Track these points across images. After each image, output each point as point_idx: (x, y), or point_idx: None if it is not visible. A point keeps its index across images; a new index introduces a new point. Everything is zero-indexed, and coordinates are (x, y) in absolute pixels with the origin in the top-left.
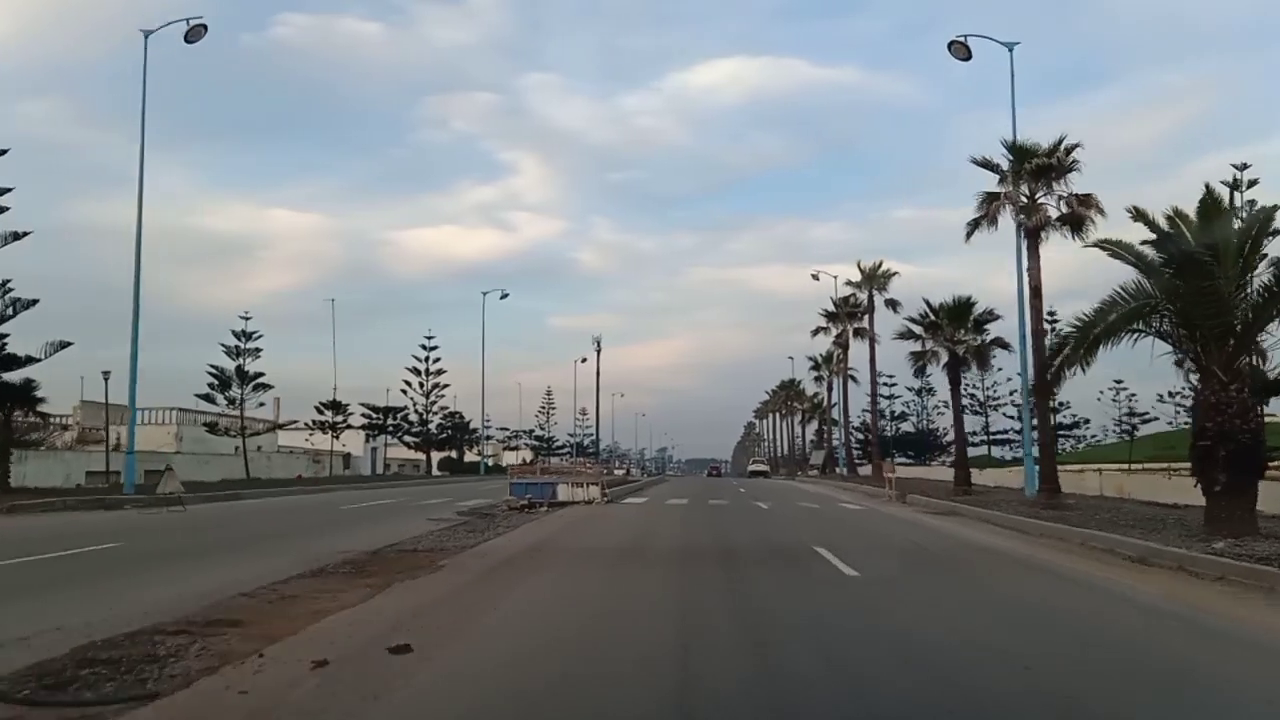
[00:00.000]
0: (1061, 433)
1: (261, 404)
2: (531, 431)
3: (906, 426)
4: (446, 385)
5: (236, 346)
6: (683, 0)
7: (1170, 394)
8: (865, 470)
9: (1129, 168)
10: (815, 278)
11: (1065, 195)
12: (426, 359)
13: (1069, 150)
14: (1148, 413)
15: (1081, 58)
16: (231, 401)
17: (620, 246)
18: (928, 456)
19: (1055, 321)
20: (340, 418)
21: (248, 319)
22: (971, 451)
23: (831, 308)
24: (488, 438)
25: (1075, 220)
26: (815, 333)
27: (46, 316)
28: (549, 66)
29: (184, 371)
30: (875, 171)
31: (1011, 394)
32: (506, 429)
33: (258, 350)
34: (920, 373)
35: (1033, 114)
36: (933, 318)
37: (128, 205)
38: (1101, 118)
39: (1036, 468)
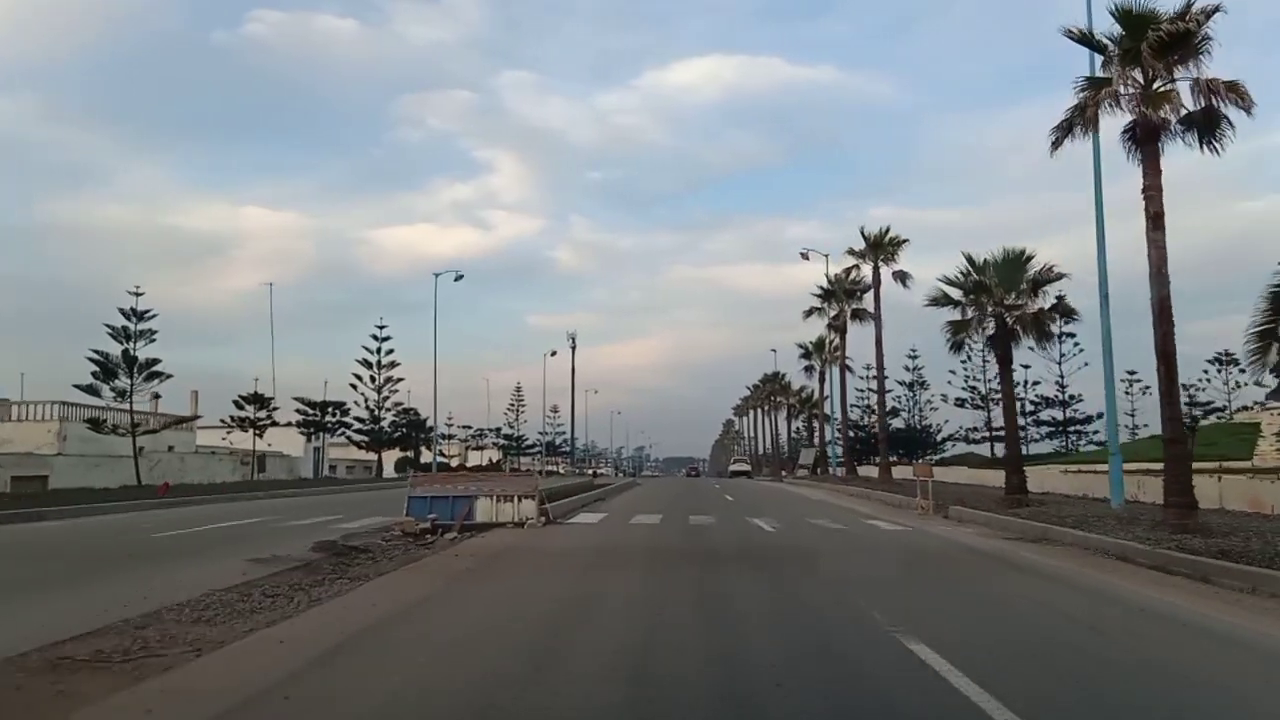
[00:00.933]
0: (1073, 428)
1: (157, 396)
2: (499, 430)
3: (896, 422)
4: (400, 379)
5: (125, 328)
6: None
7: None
8: (869, 471)
9: None
10: (804, 256)
11: (1198, 79)
12: (378, 350)
13: (1205, 15)
14: (1212, 402)
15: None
16: (121, 394)
17: (598, 245)
18: (921, 454)
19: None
20: (264, 413)
21: (139, 294)
22: (977, 450)
23: (823, 287)
24: (447, 436)
25: (1208, 121)
26: (808, 314)
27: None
28: (526, 65)
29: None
30: (852, 170)
31: (1026, 384)
32: (470, 427)
33: (151, 333)
34: (958, 348)
35: (1000, 114)
36: (977, 277)
37: (98, 203)
38: None
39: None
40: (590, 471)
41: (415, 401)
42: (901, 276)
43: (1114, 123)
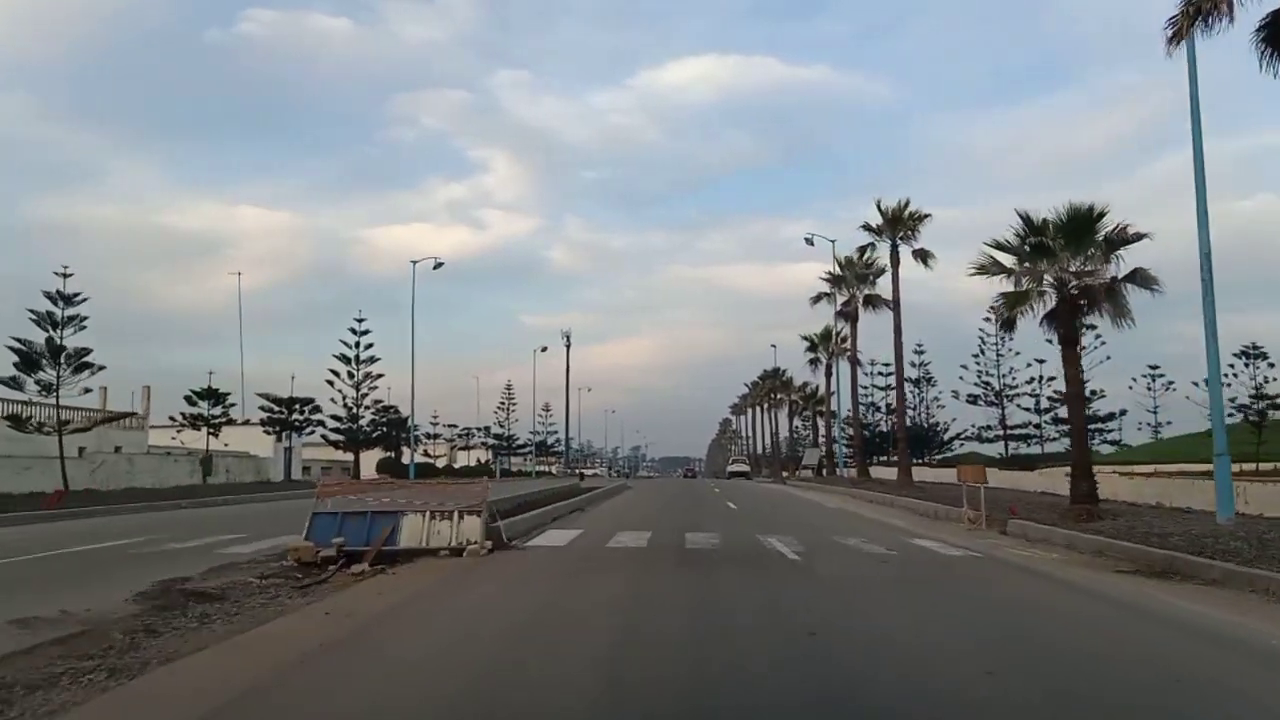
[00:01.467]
0: (1092, 426)
1: (88, 390)
2: (487, 429)
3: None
4: (380, 375)
5: (50, 314)
6: None
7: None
8: (880, 473)
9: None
10: (809, 242)
11: None
12: (357, 344)
13: None
14: None
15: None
16: (46, 388)
17: (593, 245)
18: (927, 454)
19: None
20: (219, 409)
21: (67, 275)
22: (983, 449)
23: (832, 271)
24: (433, 436)
25: None
26: (816, 299)
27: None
28: (521, 64)
29: (141, 374)
30: (846, 170)
31: (1040, 379)
32: (456, 426)
33: (81, 319)
34: (1009, 325)
35: (997, 114)
36: (1036, 238)
37: (89, 202)
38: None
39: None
40: (577, 473)
41: (404, 401)
42: (923, 255)
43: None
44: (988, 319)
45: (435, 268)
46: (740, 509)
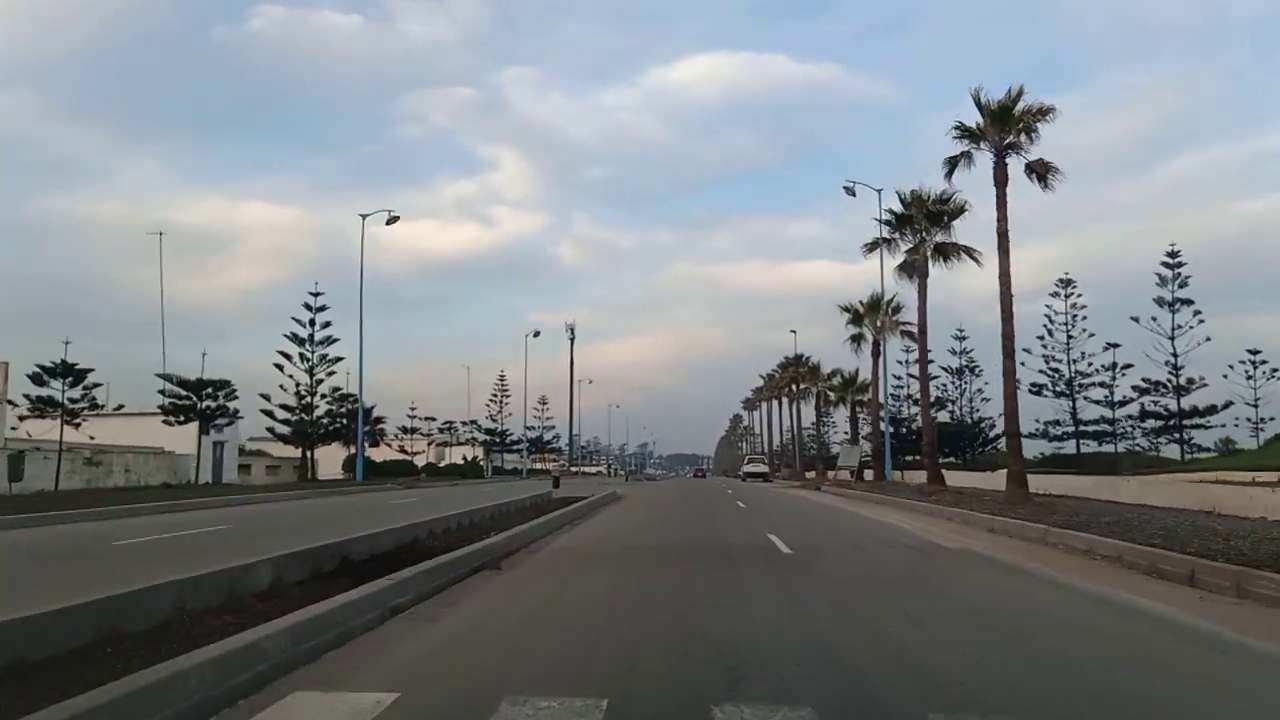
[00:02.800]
0: (1189, 422)
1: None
2: (474, 423)
3: (941, 415)
4: (339, 359)
5: None
6: None
7: None
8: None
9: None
10: (850, 191)
11: None
12: (312, 322)
13: None
14: None
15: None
16: None
17: (599, 242)
18: (971, 454)
19: None
20: (79, 392)
21: None
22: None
23: (895, 211)
24: (410, 430)
25: None
26: (870, 248)
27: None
28: (527, 61)
29: (148, 371)
30: (851, 169)
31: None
32: (434, 419)
33: None
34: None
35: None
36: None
37: (95, 199)
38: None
39: None
40: (553, 476)
41: (401, 400)
42: (1040, 171)
43: None
44: (1056, 293)
45: (389, 223)
46: (802, 553)
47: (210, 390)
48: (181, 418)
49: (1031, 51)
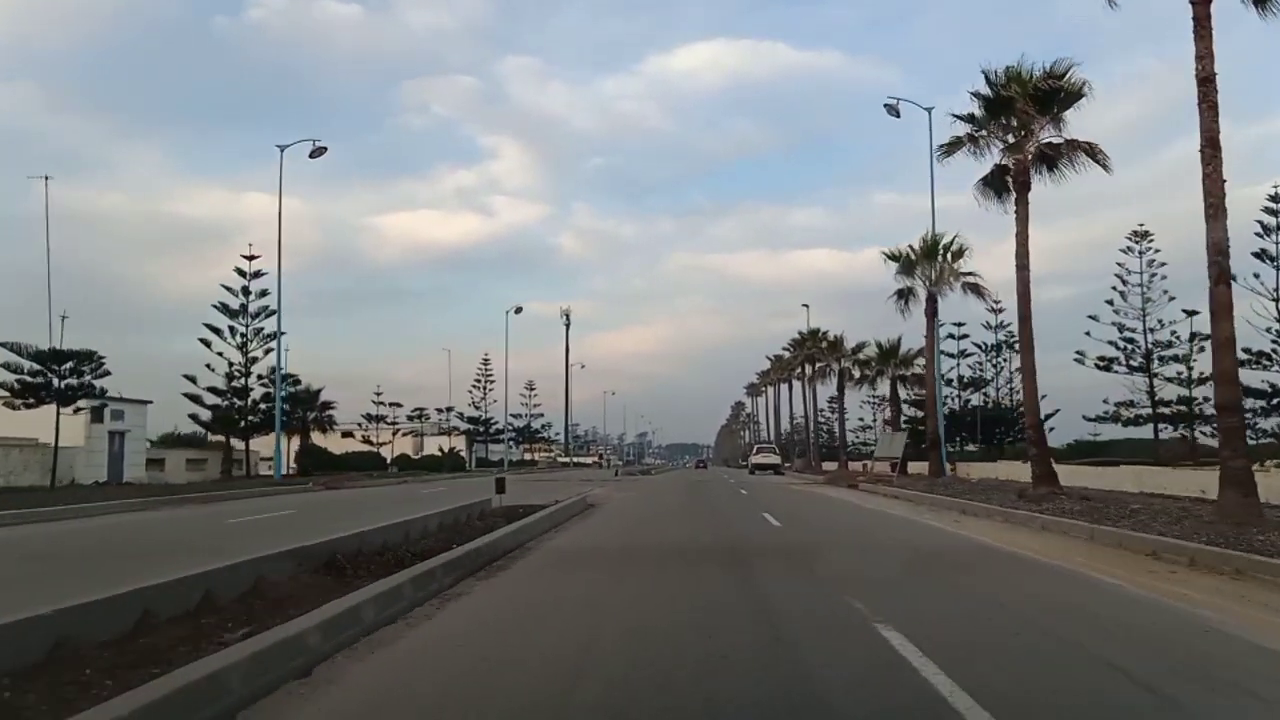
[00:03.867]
0: None
1: None
2: (450, 409)
3: (977, 397)
4: (280, 334)
5: None
6: None
7: None
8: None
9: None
10: (893, 111)
11: None
12: (245, 290)
13: None
14: None
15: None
16: None
17: (600, 232)
18: (1004, 442)
19: None
20: None
21: None
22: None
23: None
24: (375, 418)
25: None
26: (947, 151)
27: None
28: (528, 50)
29: (153, 363)
30: (855, 157)
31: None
32: (400, 404)
33: None
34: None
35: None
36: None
37: (97, 190)
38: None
39: None
40: (497, 477)
41: (402, 390)
42: None
43: None
44: (1128, 249)
45: (313, 155)
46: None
47: (73, 365)
48: (30, 399)
49: (1037, 36)
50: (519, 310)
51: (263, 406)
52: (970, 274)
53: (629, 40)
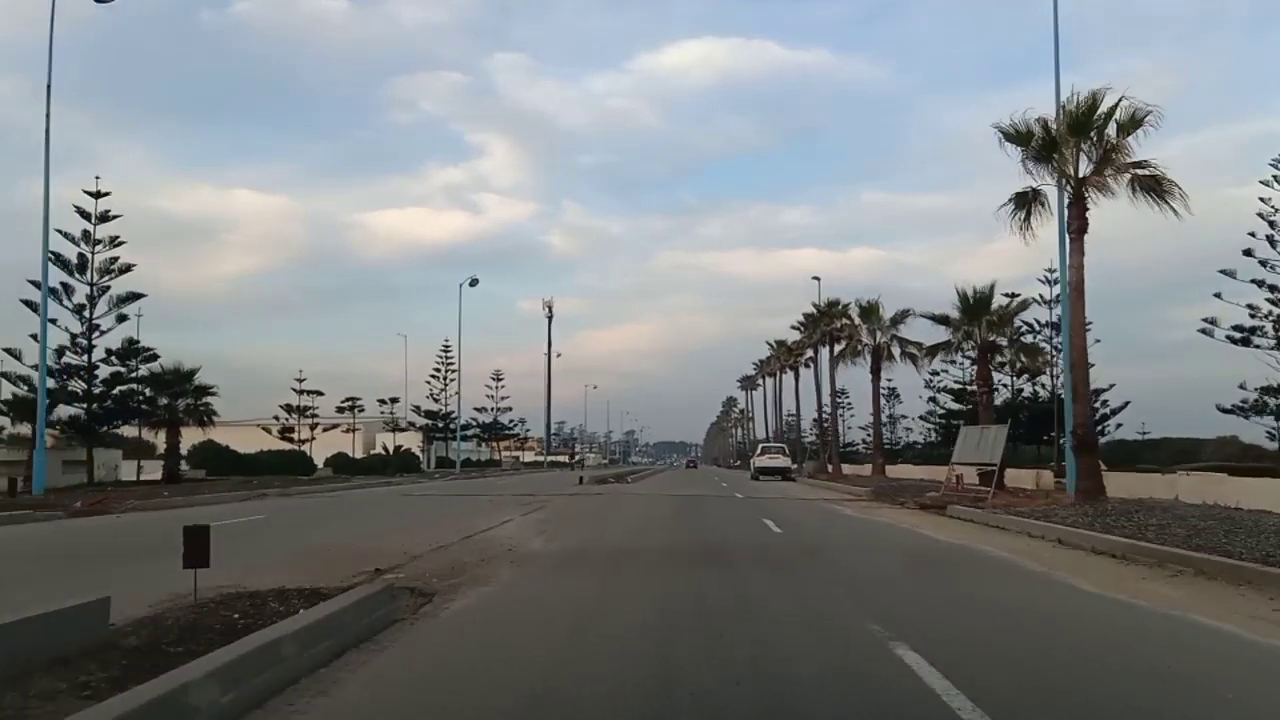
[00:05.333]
0: None
1: None
2: (394, 400)
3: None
4: (140, 296)
5: None
6: None
7: None
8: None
9: None
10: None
11: None
12: (87, 235)
13: None
14: None
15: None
16: None
17: (590, 230)
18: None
19: None
20: None
21: None
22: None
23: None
24: (299, 409)
25: None
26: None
27: None
28: (518, 47)
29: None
30: (843, 155)
31: None
32: (321, 392)
33: None
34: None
35: (987, 99)
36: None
37: (81, 185)
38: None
39: None
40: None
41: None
42: None
43: None
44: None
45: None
46: None
47: None
48: None
49: (1026, 35)
50: (474, 283)
51: (118, 391)
52: (1143, 164)
53: (619, 37)
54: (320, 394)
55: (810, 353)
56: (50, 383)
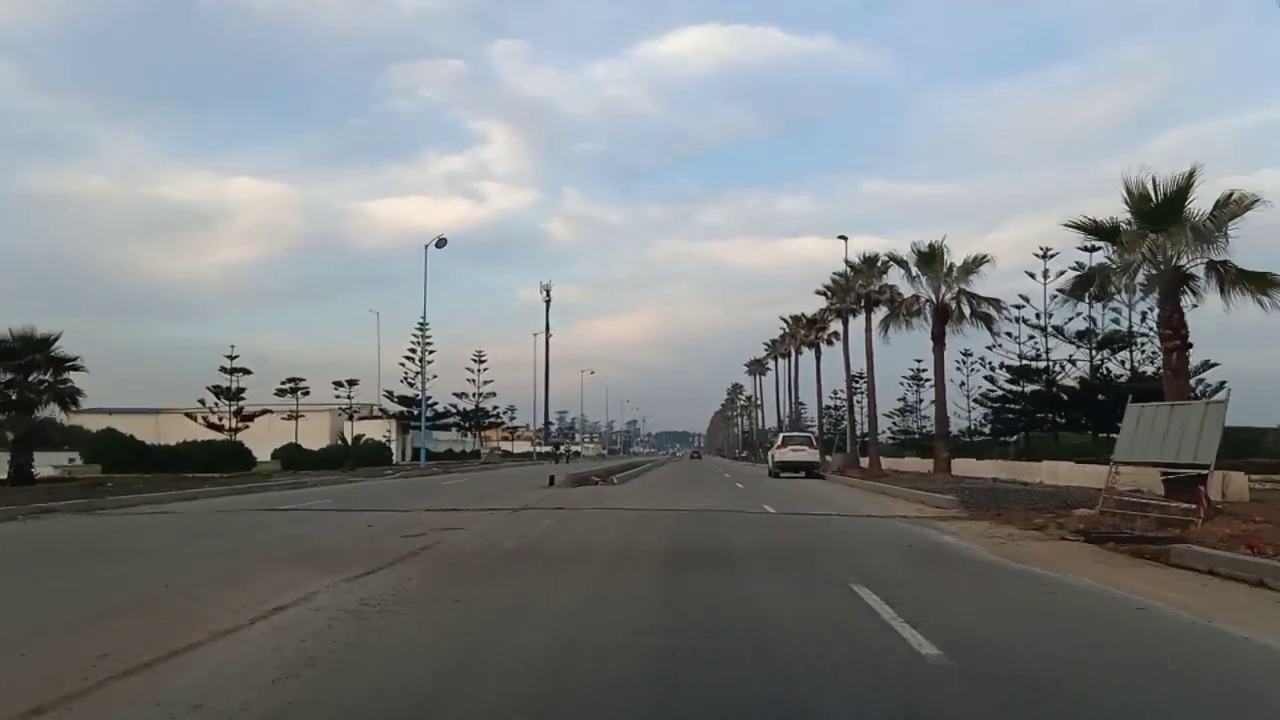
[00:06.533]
0: None
1: None
2: (350, 382)
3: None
4: None
5: None
6: None
7: None
8: None
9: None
10: None
11: None
12: None
13: None
14: None
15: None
16: None
17: (590, 219)
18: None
19: None
20: None
21: None
22: None
23: None
24: (230, 392)
25: None
26: None
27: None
28: (517, 34)
29: (136, 348)
30: (844, 144)
31: None
32: (246, 370)
33: None
34: None
35: (989, 89)
36: None
37: (78, 173)
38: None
39: None
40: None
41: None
42: None
43: None
44: None
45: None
46: None
47: None
48: None
49: (1026, 27)
50: (441, 244)
51: None
52: None
53: (619, 24)
54: (248, 372)
55: (835, 325)
56: None
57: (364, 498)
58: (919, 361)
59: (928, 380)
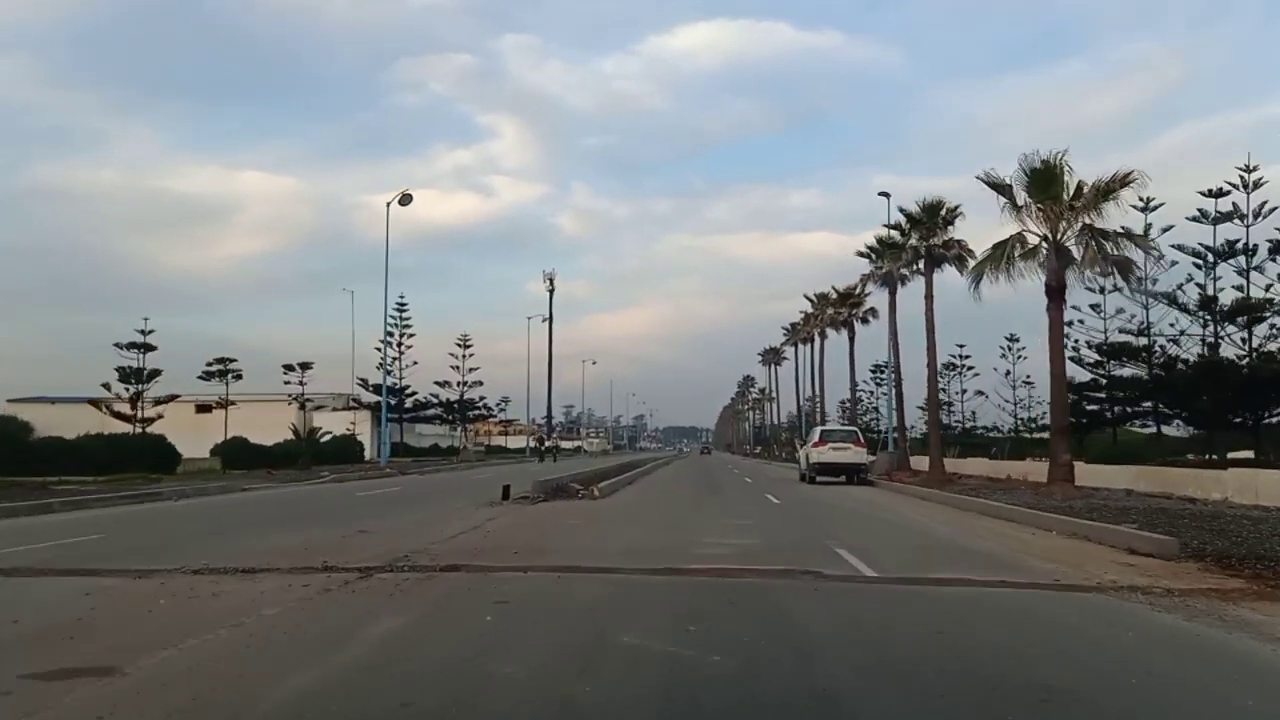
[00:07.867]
0: None
1: None
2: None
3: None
4: None
5: None
6: None
7: None
8: None
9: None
10: None
11: None
12: None
13: None
14: None
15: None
16: None
17: (597, 213)
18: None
19: None
20: None
21: None
22: None
23: None
24: (140, 374)
25: None
26: None
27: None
28: (526, 28)
29: (125, 339)
30: (852, 139)
31: None
32: (149, 345)
33: None
34: None
35: (996, 84)
36: None
37: (87, 166)
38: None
39: None
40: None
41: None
42: None
43: None
44: None
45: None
46: None
47: None
48: None
49: (1034, 20)
50: (405, 200)
51: None
52: None
53: (628, 19)
54: (152, 348)
55: (874, 300)
56: None
57: (125, 530)
58: (961, 346)
59: (969, 367)
